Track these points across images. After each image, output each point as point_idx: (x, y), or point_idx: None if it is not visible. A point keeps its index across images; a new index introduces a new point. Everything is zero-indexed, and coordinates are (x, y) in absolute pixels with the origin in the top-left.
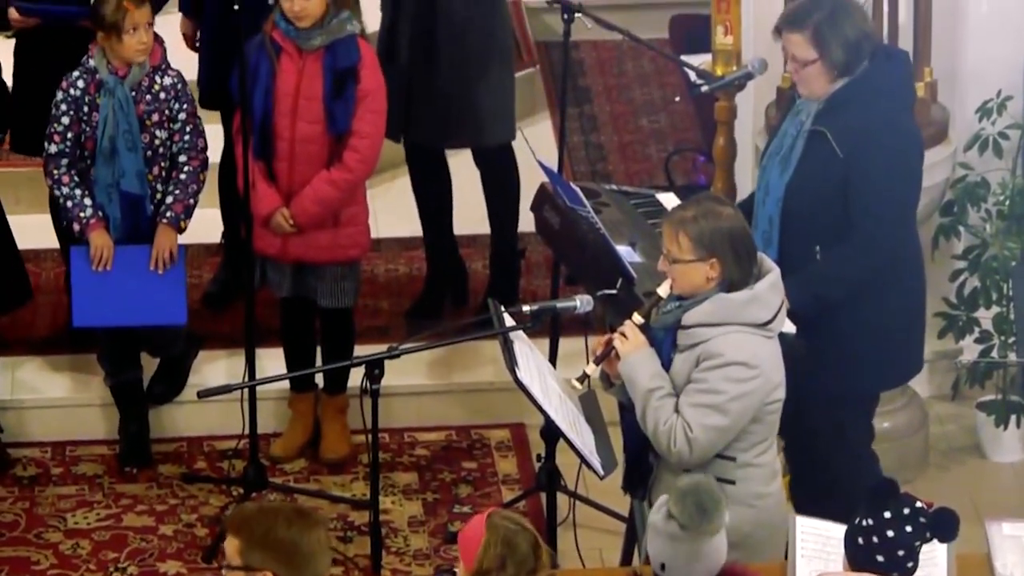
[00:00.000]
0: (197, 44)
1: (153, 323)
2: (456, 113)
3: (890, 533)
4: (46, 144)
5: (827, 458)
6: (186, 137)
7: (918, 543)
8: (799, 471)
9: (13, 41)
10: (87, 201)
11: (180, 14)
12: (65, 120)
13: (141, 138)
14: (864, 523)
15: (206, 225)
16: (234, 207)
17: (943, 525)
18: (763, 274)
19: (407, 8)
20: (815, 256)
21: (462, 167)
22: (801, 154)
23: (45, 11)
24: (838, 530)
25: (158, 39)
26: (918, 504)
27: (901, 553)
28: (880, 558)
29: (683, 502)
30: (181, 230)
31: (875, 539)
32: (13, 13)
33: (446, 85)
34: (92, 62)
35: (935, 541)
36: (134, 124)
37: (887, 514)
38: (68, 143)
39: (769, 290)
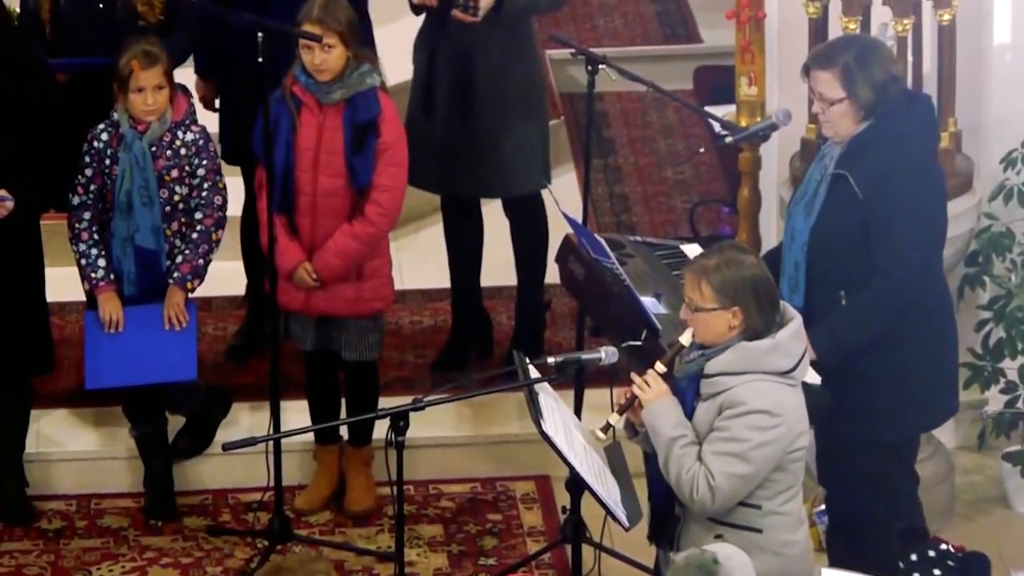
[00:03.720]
0: (215, 103)
1: (164, 380)
2: (490, 163)
3: None
4: (70, 195)
5: (868, 506)
6: (204, 193)
7: None
8: (838, 520)
9: None
10: (100, 262)
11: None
12: (88, 172)
13: (159, 193)
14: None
15: (230, 277)
16: (257, 261)
17: (974, 570)
18: (785, 322)
19: (444, 61)
20: (841, 301)
21: (487, 219)
22: (824, 199)
23: (69, 64)
24: None
25: (185, 93)
26: (945, 547)
27: None
28: None
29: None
30: (189, 291)
31: None
32: None
33: (482, 136)
34: (116, 115)
35: None
36: (150, 179)
37: (913, 557)
38: (91, 195)
39: (791, 338)
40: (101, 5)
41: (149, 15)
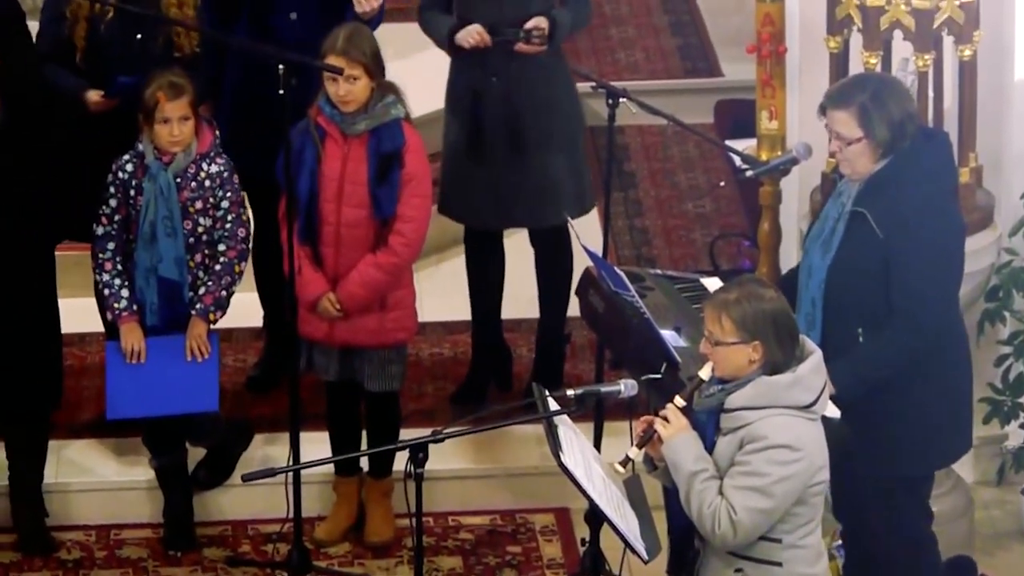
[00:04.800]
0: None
1: (185, 411)
2: (543, 193)
3: None
4: (94, 226)
5: (883, 541)
6: (227, 226)
7: None
8: (854, 554)
9: None
10: (124, 292)
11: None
12: (113, 203)
13: (183, 225)
14: None
15: (248, 309)
16: (273, 291)
17: None
18: (805, 356)
19: (491, 99)
20: (858, 338)
21: (508, 252)
22: (843, 236)
23: (125, 84)
24: None
25: (211, 125)
26: None
27: None
28: None
29: None
30: (212, 322)
31: None
32: (94, 96)
33: (534, 169)
34: (141, 146)
35: None
36: (175, 210)
37: None
38: (115, 226)
39: (811, 373)
40: (139, 36)
41: (185, 46)
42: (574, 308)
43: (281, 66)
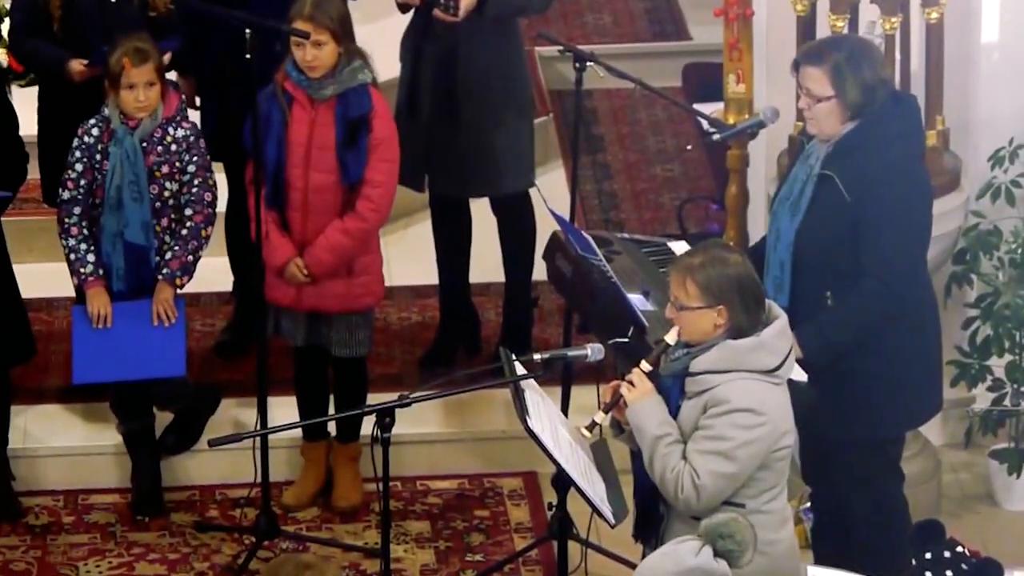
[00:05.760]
0: (196, 100)
1: (152, 376)
2: (477, 163)
3: (928, 575)
4: (60, 190)
5: (853, 504)
6: (194, 190)
7: None
8: (823, 519)
9: (36, 90)
10: (90, 257)
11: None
12: (79, 167)
13: (150, 189)
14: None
15: (218, 274)
16: (243, 257)
17: (987, 575)
18: (771, 321)
19: (428, 61)
20: (827, 302)
21: (476, 216)
22: (810, 199)
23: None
24: None
25: (177, 90)
26: (961, 549)
27: None
28: None
29: (730, 538)
30: (178, 287)
31: None
32: (77, 66)
33: (467, 136)
34: (106, 111)
35: None
36: (141, 175)
37: (928, 556)
38: (80, 190)
39: (776, 337)
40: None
41: (160, 5)
42: (542, 272)
43: (248, 30)
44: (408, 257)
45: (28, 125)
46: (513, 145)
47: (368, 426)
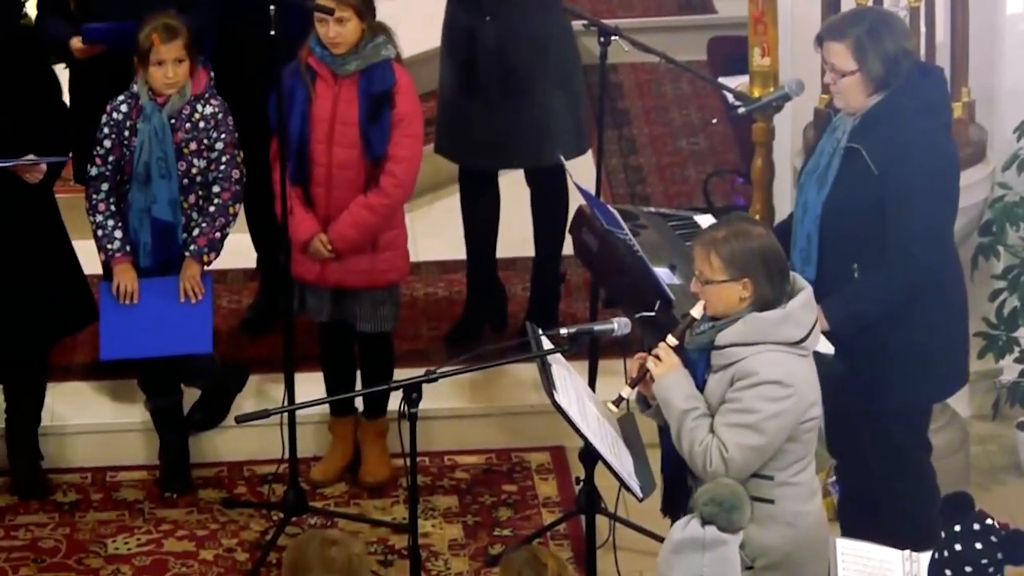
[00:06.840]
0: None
1: (179, 352)
2: (543, 133)
3: (957, 547)
4: (89, 167)
5: (881, 476)
6: (222, 167)
7: (985, 561)
8: (851, 492)
9: (68, 72)
10: (117, 233)
11: None
12: (107, 143)
13: (177, 166)
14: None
15: (244, 250)
16: (267, 234)
17: (1017, 548)
18: (795, 293)
19: (487, 38)
20: (853, 274)
21: (503, 191)
22: (837, 172)
23: (108, 30)
24: (879, 552)
25: (206, 67)
26: (990, 522)
27: (968, 570)
28: (948, 572)
29: (711, 502)
30: (205, 263)
31: (945, 553)
32: (76, 43)
33: (533, 109)
34: (136, 87)
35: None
36: (169, 152)
37: (957, 528)
38: (109, 167)
39: (802, 309)
40: None
41: None
42: (568, 247)
43: (272, 6)
44: (434, 232)
45: None
46: (571, 111)
47: (395, 401)
